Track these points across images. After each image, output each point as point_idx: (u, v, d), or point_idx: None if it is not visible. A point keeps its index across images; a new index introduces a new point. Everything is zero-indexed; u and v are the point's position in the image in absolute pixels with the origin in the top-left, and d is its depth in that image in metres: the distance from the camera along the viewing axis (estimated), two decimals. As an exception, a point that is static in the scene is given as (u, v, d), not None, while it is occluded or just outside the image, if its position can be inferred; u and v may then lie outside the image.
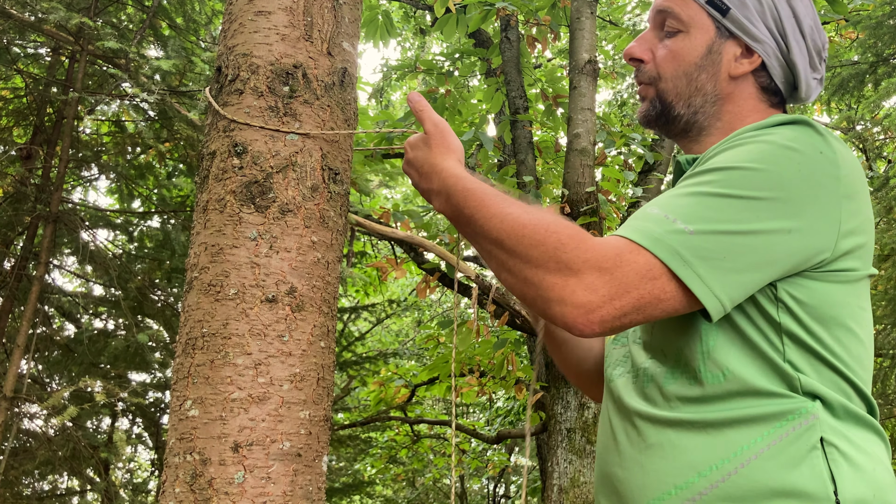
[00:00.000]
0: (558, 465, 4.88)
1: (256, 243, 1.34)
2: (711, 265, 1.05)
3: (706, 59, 1.31)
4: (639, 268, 1.05)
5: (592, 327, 1.07)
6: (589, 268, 1.06)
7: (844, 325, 1.14)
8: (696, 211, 1.08)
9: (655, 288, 1.06)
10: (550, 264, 1.07)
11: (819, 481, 1.05)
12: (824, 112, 10.21)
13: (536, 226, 1.10)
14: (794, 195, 1.08)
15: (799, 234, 1.08)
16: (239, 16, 1.47)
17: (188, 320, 1.35)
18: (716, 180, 1.10)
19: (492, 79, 6.78)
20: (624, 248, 1.07)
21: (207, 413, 1.27)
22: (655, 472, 1.13)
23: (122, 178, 5.91)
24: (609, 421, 1.27)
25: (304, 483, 1.30)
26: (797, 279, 1.12)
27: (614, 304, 1.05)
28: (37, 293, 4.81)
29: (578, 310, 1.05)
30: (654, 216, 1.09)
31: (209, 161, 1.42)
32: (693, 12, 1.31)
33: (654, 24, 1.37)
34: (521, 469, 11.18)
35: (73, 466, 5.65)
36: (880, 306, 6.09)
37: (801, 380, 1.10)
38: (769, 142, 1.12)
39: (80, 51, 4.90)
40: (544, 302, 1.09)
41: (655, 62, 1.35)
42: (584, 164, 5.28)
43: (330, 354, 1.40)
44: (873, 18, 5.87)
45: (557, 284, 1.07)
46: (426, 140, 1.37)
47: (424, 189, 1.35)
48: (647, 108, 1.37)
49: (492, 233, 1.15)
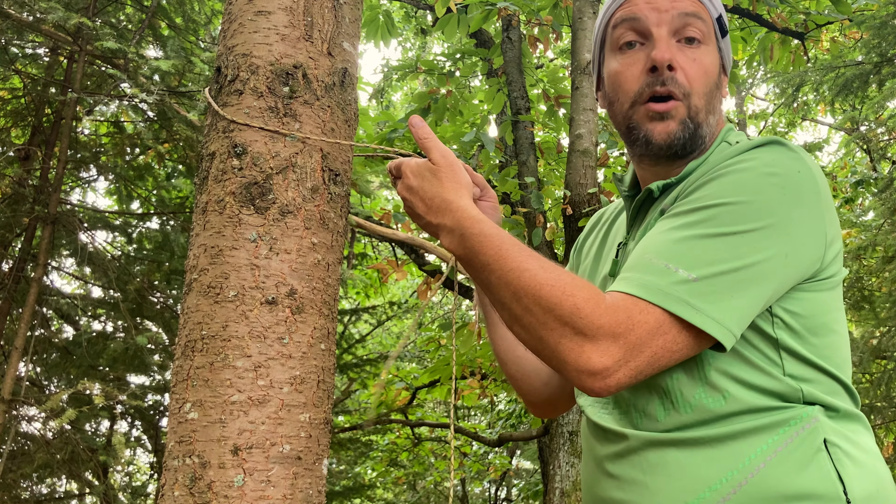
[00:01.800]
0: (560, 469, 4.87)
1: (256, 245, 1.33)
2: (721, 305, 1.07)
3: (719, 78, 1.29)
4: (650, 327, 1.06)
5: (609, 390, 1.08)
6: (603, 334, 1.05)
7: (833, 329, 1.18)
8: (695, 256, 1.08)
9: (667, 342, 1.07)
10: (566, 329, 1.07)
11: (828, 482, 1.07)
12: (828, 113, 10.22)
13: (553, 286, 1.08)
14: (783, 219, 1.10)
15: (794, 254, 1.11)
16: (238, 16, 1.46)
17: (187, 322, 1.34)
18: (706, 219, 1.11)
19: (493, 79, 6.77)
20: (633, 308, 1.07)
21: (207, 416, 1.26)
22: (664, 492, 1.13)
23: (121, 179, 5.90)
24: (595, 447, 1.27)
25: (304, 486, 1.29)
26: (791, 293, 1.14)
27: (629, 366, 1.06)
28: (35, 295, 4.79)
29: (595, 377, 1.07)
30: (655, 267, 1.09)
31: (208, 162, 1.41)
32: (710, 26, 1.28)
33: (671, 29, 1.26)
34: (523, 472, 11.18)
35: (72, 469, 5.63)
36: (884, 308, 6.08)
37: (803, 390, 1.12)
38: (749, 169, 1.13)
39: (79, 51, 4.88)
40: (559, 363, 1.09)
41: (687, 75, 1.25)
42: (587, 165, 5.27)
43: (330, 357, 1.40)
44: (877, 18, 5.86)
45: (574, 350, 1.07)
46: (434, 171, 1.29)
47: (431, 223, 1.27)
48: (677, 129, 1.25)
49: (509, 286, 1.12)
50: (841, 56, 7.35)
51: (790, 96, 7.66)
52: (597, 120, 5.48)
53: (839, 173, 9.89)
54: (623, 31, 1.29)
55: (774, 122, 12.01)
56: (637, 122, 1.28)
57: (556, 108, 6.94)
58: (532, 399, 1.55)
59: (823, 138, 13.14)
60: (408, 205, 1.32)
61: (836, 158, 11.69)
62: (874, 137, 8.73)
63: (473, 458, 10.05)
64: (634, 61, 1.28)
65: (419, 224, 1.31)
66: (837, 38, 6.88)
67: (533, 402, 1.55)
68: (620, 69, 1.29)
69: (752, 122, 12.54)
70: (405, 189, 1.32)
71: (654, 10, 1.26)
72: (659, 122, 1.25)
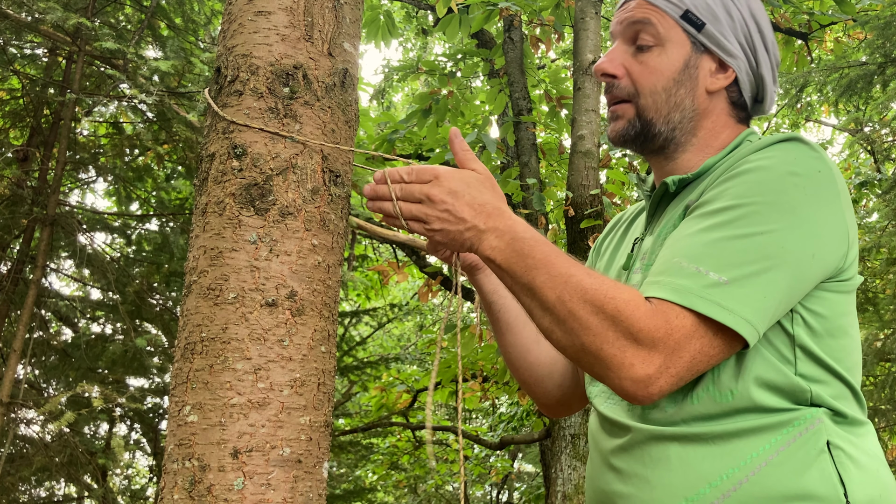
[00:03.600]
0: (562, 472, 4.86)
1: (256, 246, 1.33)
2: (753, 306, 1.08)
3: (683, 74, 1.31)
4: (686, 331, 1.08)
5: (652, 398, 1.10)
6: (643, 338, 1.07)
7: (848, 332, 1.20)
8: (724, 258, 1.10)
9: (704, 345, 1.09)
10: (609, 334, 1.08)
11: (829, 484, 1.08)
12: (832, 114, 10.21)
13: (597, 290, 1.10)
14: (807, 218, 1.12)
15: (819, 253, 1.13)
16: (238, 16, 1.46)
17: (187, 324, 1.34)
18: (732, 220, 1.13)
19: (495, 80, 6.77)
20: (669, 312, 1.09)
21: (206, 418, 1.26)
22: (664, 486, 1.14)
23: (120, 180, 5.89)
24: (600, 441, 1.29)
25: (304, 489, 1.29)
26: (813, 291, 1.16)
27: (670, 372, 1.08)
28: (33, 297, 4.78)
29: (637, 384, 1.09)
30: (686, 271, 1.11)
31: (208, 163, 1.41)
32: (668, 27, 1.31)
33: (625, 38, 1.34)
34: (525, 475, 11.17)
35: (71, 473, 5.62)
36: (889, 310, 6.08)
37: (812, 391, 1.14)
38: (771, 168, 1.15)
39: (78, 51, 4.87)
40: (602, 371, 1.11)
41: (632, 78, 1.33)
42: (589, 166, 5.27)
43: (331, 359, 1.40)
44: (881, 19, 5.85)
45: (616, 357, 1.08)
46: (482, 181, 1.26)
47: (478, 227, 1.22)
48: (623, 126, 1.34)
49: (555, 289, 1.12)
50: (845, 56, 7.35)
51: (794, 97, 7.66)
52: (599, 121, 5.48)
53: (843, 174, 9.87)
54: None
55: (778, 122, 12.00)
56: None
57: (558, 109, 6.93)
58: (545, 402, 1.57)
59: (827, 139, 13.15)
60: (444, 207, 1.24)
61: (840, 160, 11.68)
62: (878, 138, 8.73)
63: (475, 461, 10.05)
64: None
65: (451, 228, 1.24)
66: (841, 39, 6.88)
67: (546, 405, 1.59)
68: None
69: (755, 123, 12.51)
70: (446, 193, 1.25)
71: (618, 23, 1.36)
72: (612, 123, 1.37)
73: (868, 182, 8.63)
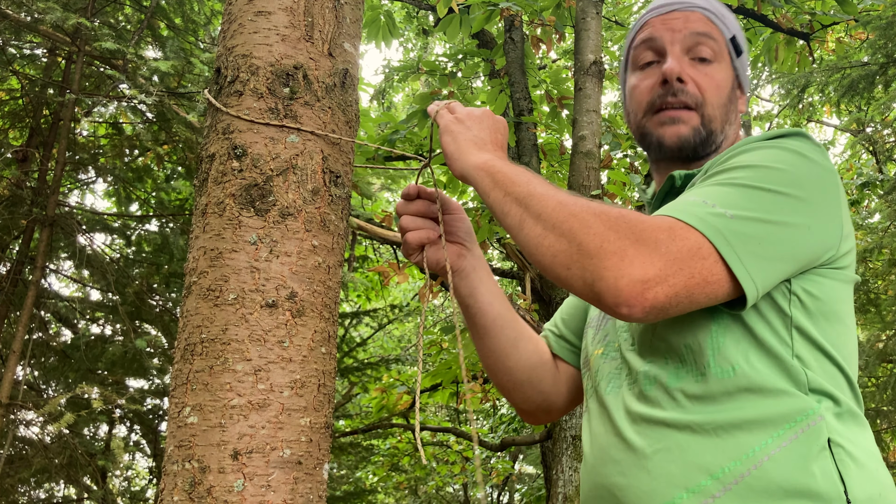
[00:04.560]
0: (563, 473, 4.85)
1: (256, 247, 1.32)
2: (749, 250, 1.09)
3: (732, 93, 1.40)
4: (690, 245, 1.07)
5: (644, 306, 1.06)
6: (647, 238, 1.07)
7: (844, 321, 1.22)
8: (733, 199, 1.12)
9: (704, 269, 1.08)
10: (611, 234, 1.07)
11: (830, 482, 1.08)
12: (834, 114, 10.20)
13: (601, 203, 1.13)
14: (810, 196, 1.15)
15: (816, 231, 1.15)
16: (238, 16, 1.46)
17: (187, 325, 1.34)
18: (745, 176, 1.16)
19: (495, 80, 6.77)
20: (675, 225, 1.09)
21: (206, 420, 1.25)
22: (663, 476, 1.14)
23: (120, 180, 5.89)
24: (602, 434, 1.29)
25: (304, 491, 1.28)
26: (809, 274, 1.18)
27: (668, 283, 1.05)
28: (33, 298, 4.78)
29: (634, 285, 1.05)
30: (693, 202, 1.13)
31: (208, 164, 1.40)
32: (722, 46, 1.39)
33: (683, 47, 1.38)
34: (525, 477, 11.17)
35: (70, 474, 5.62)
36: (891, 311, 6.08)
37: (808, 375, 1.14)
38: (783, 147, 1.20)
39: (77, 52, 4.87)
40: (598, 271, 1.07)
41: (699, 87, 1.36)
42: (590, 166, 5.26)
43: (331, 360, 1.39)
44: (883, 19, 5.85)
45: (616, 254, 1.06)
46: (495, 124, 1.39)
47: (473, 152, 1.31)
48: (689, 132, 1.35)
49: (557, 196, 1.15)
50: (846, 57, 7.35)
51: (795, 97, 7.64)
52: (600, 121, 5.48)
53: (845, 175, 9.89)
54: (642, 52, 1.42)
55: (780, 123, 11.99)
56: (650, 128, 1.38)
57: (559, 110, 6.93)
58: (525, 407, 1.57)
59: (829, 140, 13.14)
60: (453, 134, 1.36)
61: (842, 160, 11.69)
62: (880, 139, 8.74)
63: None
64: (649, 76, 1.39)
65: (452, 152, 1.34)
66: (843, 39, 6.87)
67: (526, 411, 1.58)
68: (637, 83, 1.41)
69: (757, 124, 12.51)
70: (455, 122, 1.38)
71: (669, 30, 1.38)
72: (670, 126, 1.35)
73: (870, 183, 8.64)
